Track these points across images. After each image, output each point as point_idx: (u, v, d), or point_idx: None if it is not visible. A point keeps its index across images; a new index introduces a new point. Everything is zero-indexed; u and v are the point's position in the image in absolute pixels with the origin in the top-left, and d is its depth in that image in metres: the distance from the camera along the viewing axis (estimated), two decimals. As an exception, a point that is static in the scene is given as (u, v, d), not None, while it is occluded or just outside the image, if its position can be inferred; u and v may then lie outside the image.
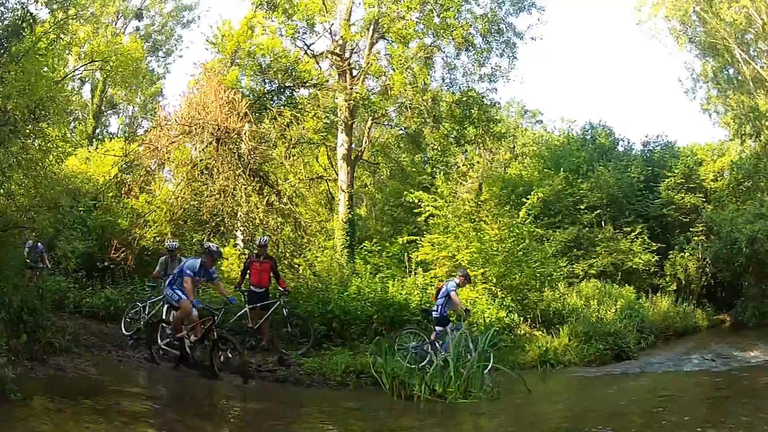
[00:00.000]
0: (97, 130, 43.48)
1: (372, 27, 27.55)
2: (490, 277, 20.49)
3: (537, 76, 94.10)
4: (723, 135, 44.90)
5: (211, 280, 13.10)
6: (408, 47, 27.47)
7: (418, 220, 27.52)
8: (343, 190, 27.90)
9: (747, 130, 36.62)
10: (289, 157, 22.45)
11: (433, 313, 15.24)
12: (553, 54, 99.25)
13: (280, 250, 19.78)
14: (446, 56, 29.48)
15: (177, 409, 9.17)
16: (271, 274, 15.22)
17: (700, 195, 35.16)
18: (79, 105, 42.07)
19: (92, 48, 33.77)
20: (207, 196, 19.07)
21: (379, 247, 24.41)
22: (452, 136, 29.93)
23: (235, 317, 15.17)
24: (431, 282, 20.51)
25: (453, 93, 29.60)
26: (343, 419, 9.70)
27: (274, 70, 26.22)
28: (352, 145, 29.33)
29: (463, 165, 38.35)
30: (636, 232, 32.54)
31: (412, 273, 21.35)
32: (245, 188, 19.25)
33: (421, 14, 27.27)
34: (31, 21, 16.37)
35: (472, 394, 11.63)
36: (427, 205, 25.34)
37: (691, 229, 33.72)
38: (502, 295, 20.17)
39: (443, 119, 29.12)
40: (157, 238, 19.08)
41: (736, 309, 29.89)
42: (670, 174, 35.51)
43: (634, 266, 31.46)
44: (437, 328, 14.92)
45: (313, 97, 27.24)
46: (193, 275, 12.18)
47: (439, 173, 32.78)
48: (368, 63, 27.49)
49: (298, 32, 27.74)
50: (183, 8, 47.21)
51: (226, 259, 21.33)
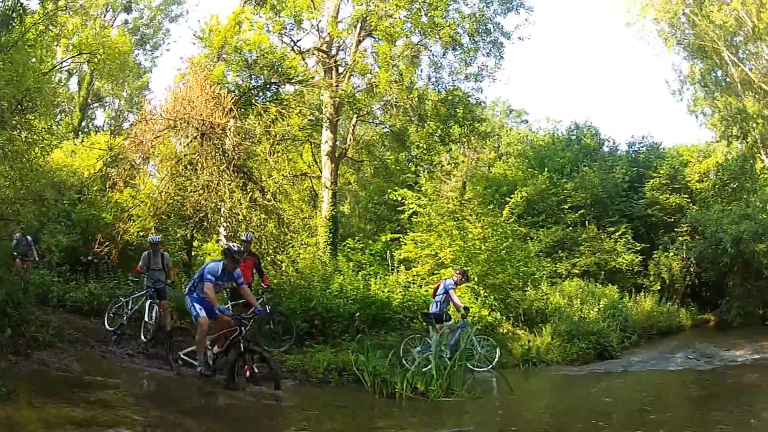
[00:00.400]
0: (83, 123, 43.38)
1: (359, 24, 27.70)
2: (473, 276, 20.52)
3: (523, 76, 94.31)
4: (709, 136, 45.42)
5: (237, 286, 11.64)
6: (395, 45, 27.53)
7: (402, 217, 27.64)
8: (327, 187, 27.97)
9: (734, 132, 36.93)
10: (274, 154, 22.42)
11: (431, 309, 15.57)
12: (540, 54, 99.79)
13: (263, 247, 19.76)
14: (433, 55, 29.70)
15: (158, 405, 9.13)
16: (254, 271, 15.22)
17: (685, 195, 35.39)
18: (66, 97, 42.06)
19: (80, 40, 33.58)
20: (191, 191, 18.98)
21: (362, 245, 24.51)
22: (437, 134, 30.12)
23: (218, 313, 15.18)
24: (413, 280, 20.58)
25: (439, 92, 29.75)
26: (328, 416, 9.68)
27: (261, 65, 26.18)
28: (337, 143, 29.49)
29: (448, 164, 38.45)
30: (620, 232, 32.68)
31: (395, 271, 21.44)
32: (229, 184, 19.19)
33: (409, 12, 27.42)
34: (21, 11, 16.32)
35: (454, 393, 11.68)
36: (411, 203, 25.42)
37: (676, 229, 33.90)
38: (485, 294, 20.26)
39: (428, 118, 29.22)
40: (141, 233, 18.97)
41: (721, 308, 30.05)
42: (655, 174, 35.74)
43: (618, 266, 31.60)
44: (437, 326, 15.09)
45: (299, 94, 27.24)
46: (215, 280, 10.88)
47: (424, 172, 32.79)
48: (354, 60, 27.59)
49: (286, 28, 27.85)
50: (171, 2, 47.35)
51: (209, 255, 21.35)
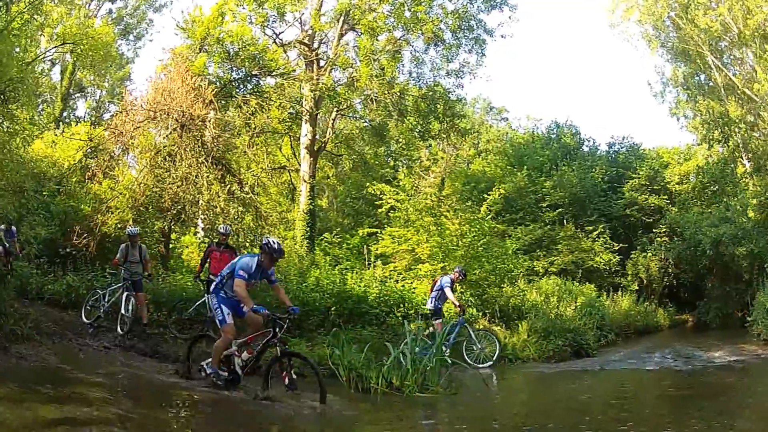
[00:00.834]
0: (65, 113, 43.00)
1: (342, 18, 27.61)
2: (450, 272, 20.59)
3: (505, 73, 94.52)
4: (690, 139, 45.65)
5: (270, 283, 10.69)
6: (377, 40, 27.50)
7: (379, 212, 27.72)
8: (305, 181, 27.93)
9: (715, 136, 37.14)
10: (253, 146, 22.40)
11: (427, 305, 16.35)
12: (522, 52, 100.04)
13: (240, 240, 19.77)
14: (415, 50, 29.59)
15: (134, 399, 9.10)
16: (231, 264, 15.20)
17: (665, 197, 35.75)
18: (48, 87, 41.74)
19: (64, 30, 33.32)
20: (169, 183, 18.97)
21: (339, 239, 24.57)
22: (417, 130, 30.19)
23: (194, 306, 15.18)
24: (390, 275, 20.62)
25: (419, 87, 29.70)
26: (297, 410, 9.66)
27: (242, 57, 26.16)
28: (316, 136, 29.44)
29: (427, 159, 38.55)
30: (598, 232, 32.90)
31: (372, 266, 21.47)
32: (207, 176, 19.22)
33: (393, 7, 27.33)
34: (8, 0, 16.18)
35: (429, 388, 11.71)
36: (389, 198, 25.50)
37: (654, 230, 34.24)
38: (461, 290, 20.27)
39: (408, 113, 29.24)
40: (119, 225, 18.92)
41: (699, 310, 30.43)
42: (634, 175, 36.08)
43: (596, 265, 31.82)
44: (435, 321, 15.75)
45: (279, 87, 27.26)
46: (248, 278, 9.85)
47: (402, 167, 32.90)
48: (336, 54, 27.55)
49: (268, 20, 27.65)
50: (156, -9, 46.79)
51: (186, 248, 21.25)
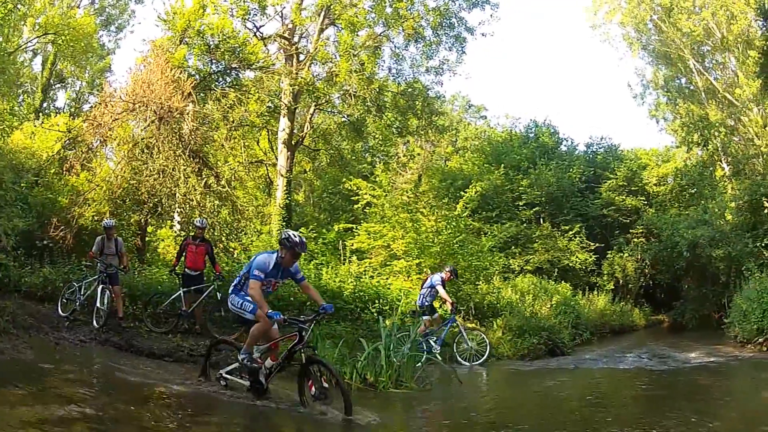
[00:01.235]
0: (45, 104, 42.66)
1: (323, 13, 27.64)
2: (425, 268, 20.66)
3: (485, 71, 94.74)
4: (669, 141, 45.95)
5: (297, 282, 9.79)
6: (357, 35, 27.51)
7: (356, 208, 27.73)
8: (282, 175, 28.03)
9: (695, 139, 37.40)
10: (230, 140, 22.29)
11: (417, 301, 16.47)
12: (503, 51, 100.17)
13: (216, 234, 19.77)
14: (395, 46, 29.65)
15: (111, 394, 9.05)
16: (207, 258, 15.18)
17: (642, 198, 35.97)
18: (29, 78, 41.41)
19: (46, 20, 33.07)
20: (146, 176, 18.88)
21: (315, 234, 24.48)
22: (395, 126, 30.29)
23: (169, 300, 15.12)
24: (365, 270, 20.61)
25: (398, 83, 29.76)
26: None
27: (222, 50, 26.05)
28: (294, 131, 29.47)
29: (404, 156, 38.62)
30: (574, 231, 33.02)
31: (347, 261, 21.46)
32: (184, 169, 19.15)
33: (374, 3, 27.35)
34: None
35: (403, 384, 11.80)
36: (365, 194, 25.54)
37: (631, 231, 34.48)
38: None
39: (387, 109, 29.31)
40: (96, 218, 18.81)
41: (675, 310, 30.72)
42: (612, 176, 36.25)
43: (571, 264, 31.94)
44: (423, 318, 15.93)
45: (258, 80, 27.22)
46: (264, 278, 8.99)
47: (379, 163, 32.88)
48: (316, 48, 27.52)
49: (249, 13, 27.56)
50: (139, -17, 46.35)
51: (162, 241, 21.13)
